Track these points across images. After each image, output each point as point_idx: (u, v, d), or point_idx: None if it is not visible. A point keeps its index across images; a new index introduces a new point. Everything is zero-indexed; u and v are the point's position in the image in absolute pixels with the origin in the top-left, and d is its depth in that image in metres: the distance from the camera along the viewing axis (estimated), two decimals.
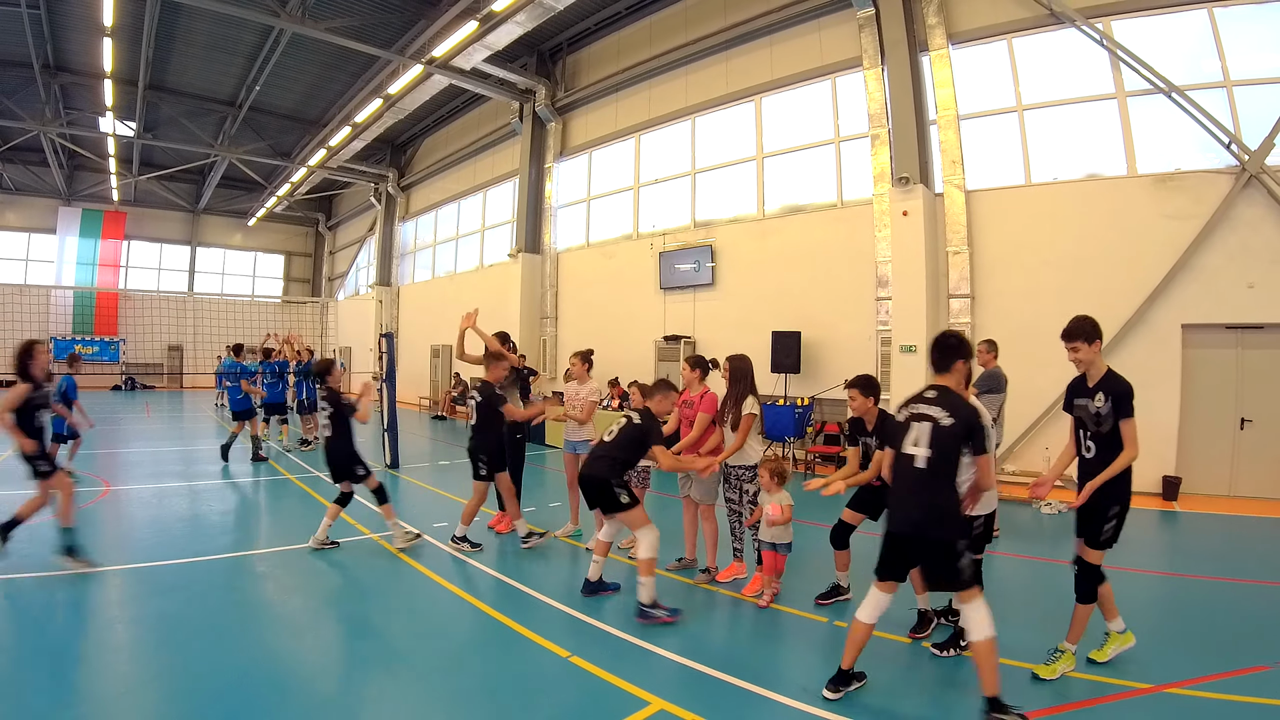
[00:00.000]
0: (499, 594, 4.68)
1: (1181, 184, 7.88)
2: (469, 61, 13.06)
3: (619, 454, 4.33)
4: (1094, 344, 3.41)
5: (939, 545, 2.97)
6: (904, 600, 4.17)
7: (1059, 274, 8.48)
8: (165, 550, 5.41)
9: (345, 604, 4.58)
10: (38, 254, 24.80)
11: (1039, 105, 8.97)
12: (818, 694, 3.15)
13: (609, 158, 14.42)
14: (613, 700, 3.15)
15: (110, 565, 4.92)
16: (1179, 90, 7.87)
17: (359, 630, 4.12)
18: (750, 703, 3.16)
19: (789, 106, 11.27)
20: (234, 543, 5.83)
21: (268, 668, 3.45)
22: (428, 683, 3.38)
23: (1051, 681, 3.29)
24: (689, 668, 3.50)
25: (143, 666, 3.44)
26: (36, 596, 4.34)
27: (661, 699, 3.13)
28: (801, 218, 10.94)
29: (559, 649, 3.70)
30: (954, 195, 9.13)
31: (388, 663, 3.58)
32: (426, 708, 3.15)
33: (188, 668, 3.39)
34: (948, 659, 3.61)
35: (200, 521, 6.48)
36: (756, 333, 10.42)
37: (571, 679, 3.39)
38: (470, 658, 3.71)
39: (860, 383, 4.28)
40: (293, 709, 3.06)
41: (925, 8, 9.42)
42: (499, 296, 15.64)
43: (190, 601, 4.32)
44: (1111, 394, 3.34)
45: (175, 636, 3.77)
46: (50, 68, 16.97)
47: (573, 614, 4.23)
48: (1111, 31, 8.36)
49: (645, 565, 4.06)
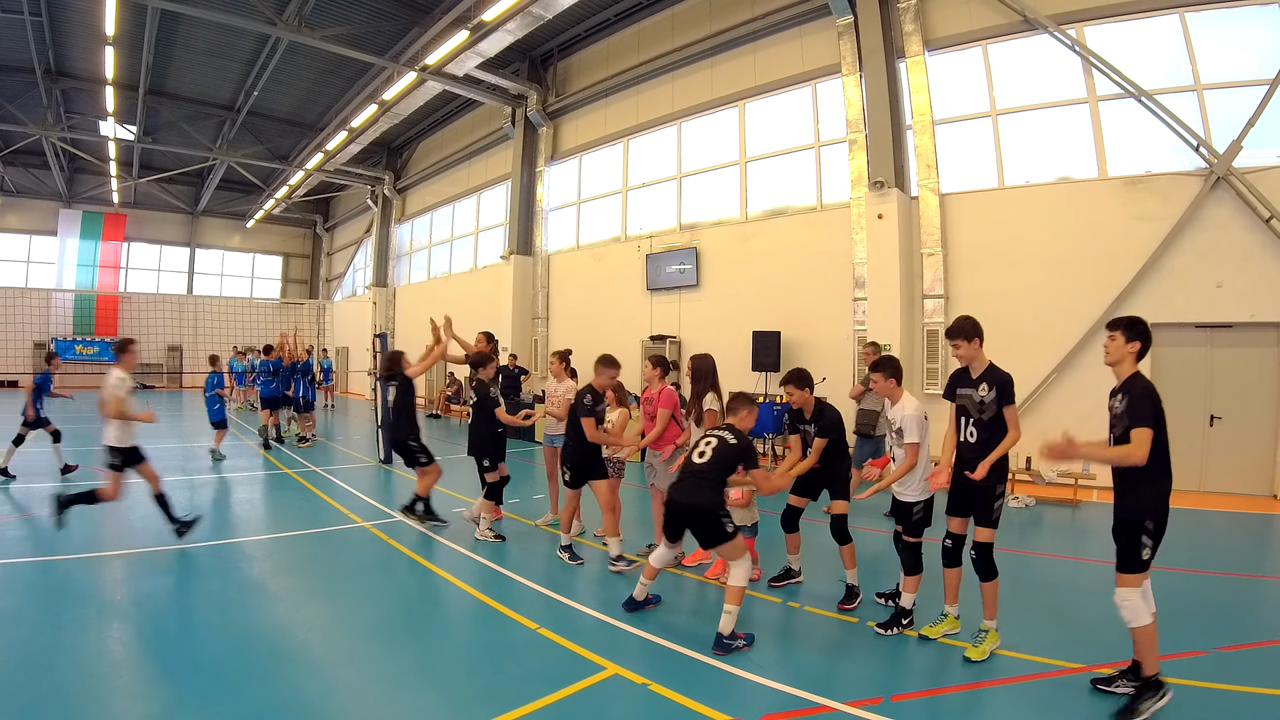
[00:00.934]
0: (482, 576, 4.98)
1: (1151, 186, 8.08)
2: (461, 68, 13.34)
3: (719, 476, 3.89)
4: (973, 341, 3.68)
5: None
6: (835, 572, 4.61)
7: (1031, 275, 8.70)
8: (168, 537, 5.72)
9: (340, 583, 4.93)
10: (39, 256, 25.04)
11: (1012, 110, 9.19)
12: (765, 665, 3.45)
13: (598, 162, 14.70)
14: (573, 666, 3.48)
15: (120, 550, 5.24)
16: (1148, 94, 8.07)
17: (350, 603, 4.49)
18: (698, 670, 3.45)
19: (771, 112, 11.54)
20: (246, 528, 6.24)
21: (289, 635, 3.80)
22: (412, 646, 3.80)
23: (983, 662, 3.51)
24: (649, 641, 3.79)
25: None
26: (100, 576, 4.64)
27: (617, 665, 3.44)
28: (783, 220, 11.20)
29: (529, 621, 4.03)
30: (928, 198, 9.37)
31: (383, 630, 4.00)
32: (416, 666, 3.56)
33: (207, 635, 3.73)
34: (890, 637, 3.86)
35: (222, 509, 6.98)
36: (739, 332, 10.68)
37: (538, 647, 3.73)
38: (451, 628, 4.18)
39: (793, 377, 4.54)
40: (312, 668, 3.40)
41: (902, 15, 9.65)
42: (492, 297, 15.92)
43: (206, 580, 4.69)
44: (995, 384, 3.61)
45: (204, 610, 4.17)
46: (51, 73, 17.20)
47: (549, 594, 4.56)
48: (1084, 37, 8.58)
49: (734, 594, 3.68)
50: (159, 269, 27.68)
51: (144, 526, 6.05)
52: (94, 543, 5.49)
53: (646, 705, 3.10)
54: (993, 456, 3.55)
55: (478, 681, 3.38)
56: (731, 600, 3.66)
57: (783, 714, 3.00)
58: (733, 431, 4.01)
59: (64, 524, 5.14)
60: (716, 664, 3.49)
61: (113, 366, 5.34)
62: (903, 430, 3.86)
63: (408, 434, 6.21)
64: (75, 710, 2.94)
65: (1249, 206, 7.49)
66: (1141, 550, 3.04)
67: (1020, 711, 3.11)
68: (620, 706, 3.12)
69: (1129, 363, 3.28)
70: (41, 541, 5.49)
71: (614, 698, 3.19)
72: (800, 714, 3.01)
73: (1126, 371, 3.27)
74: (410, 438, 6.18)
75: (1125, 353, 3.27)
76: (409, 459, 6.19)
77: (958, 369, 3.82)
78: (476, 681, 3.38)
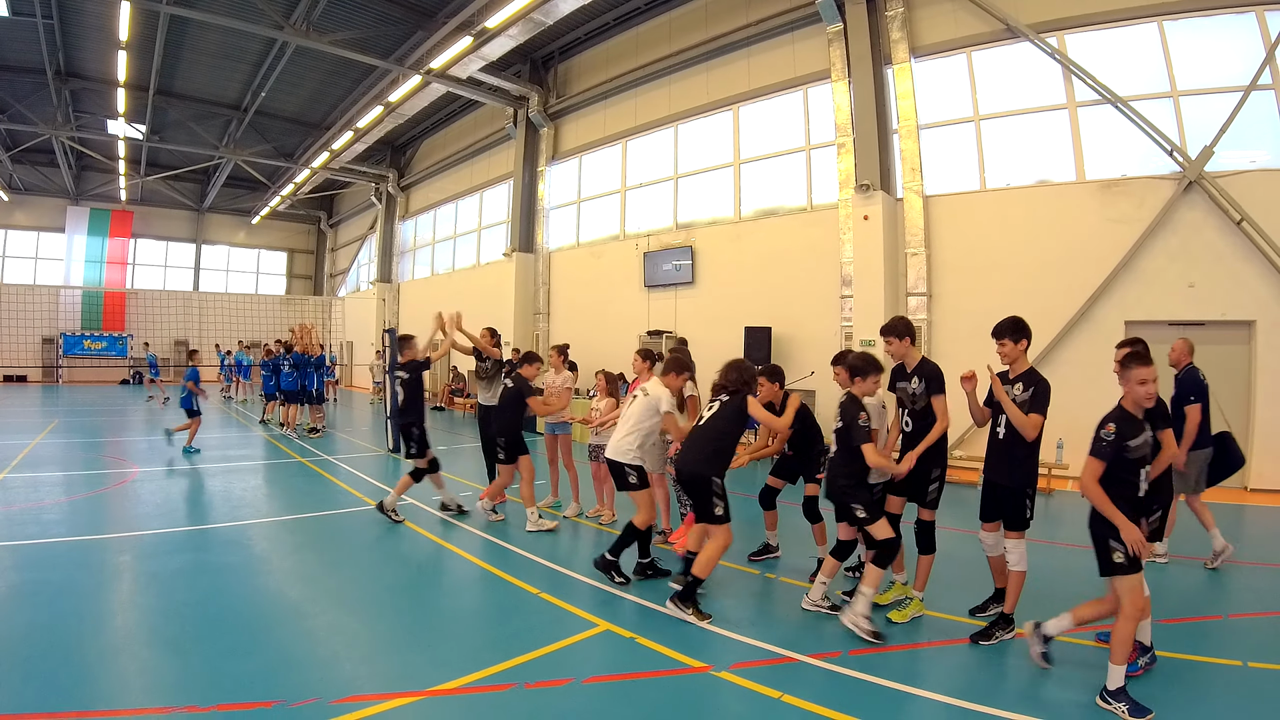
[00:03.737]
0: (488, 550, 5.43)
1: (1126, 189, 8.40)
2: (465, 71, 13.73)
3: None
4: (904, 339, 4.07)
5: None
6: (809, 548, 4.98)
7: (1010, 274, 9.02)
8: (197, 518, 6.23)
9: (356, 555, 5.38)
10: (46, 252, 25.45)
11: (995, 115, 9.53)
12: (745, 625, 3.90)
13: (598, 162, 15.09)
14: (569, 622, 3.94)
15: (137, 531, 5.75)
16: (1125, 101, 8.38)
17: (366, 572, 4.99)
18: (681, 628, 3.88)
19: (764, 115, 11.93)
20: (265, 510, 6.69)
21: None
22: (423, 606, 4.35)
23: (902, 624, 3.93)
24: (640, 604, 4.25)
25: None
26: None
27: (609, 623, 3.91)
28: (774, 220, 11.61)
29: (529, 586, 4.53)
30: (913, 200, 9.77)
31: (396, 592, 4.53)
32: (427, 621, 4.06)
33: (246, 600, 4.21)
34: None
35: (245, 493, 7.45)
36: (732, 328, 11.08)
37: (537, 607, 4.23)
38: (459, 592, 4.72)
39: (766, 371, 5.00)
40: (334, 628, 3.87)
41: (890, 23, 10.00)
42: (495, 293, 16.34)
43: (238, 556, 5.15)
44: (925, 377, 3.99)
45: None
46: (61, 74, 17.53)
47: (551, 565, 5.04)
48: (1065, 45, 8.88)
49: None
50: (165, 265, 28.11)
51: (176, 508, 6.53)
52: (133, 523, 6.03)
53: (632, 654, 3.54)
54: (921, 446, 3.90)
55: (483, 635, 3.84)
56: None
57: (751, 663, 3.42)
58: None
59: None
60: (694, 620, 3.91)
61: None
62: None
63: (414, 421, 6.50)
64: (135, 653, 3.44)
65: (1220, 209, 7.80)
66: (1028, 511, 3.68)
67: (956, 662, 3.55)
68: (610, 655, 3.58)
69: (912, 352, 4.04)
70: (83, 521, 6.00)
71: (605, 648, 3.63)
72: (766, 663, 3.43)
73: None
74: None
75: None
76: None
77: (896, 365, 4.17)
78: (482, 635, 3.84)
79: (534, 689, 3.11)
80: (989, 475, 3.82)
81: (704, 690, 3.22)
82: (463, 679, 3.19)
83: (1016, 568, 3.68)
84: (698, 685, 3.24)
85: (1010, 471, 3.69)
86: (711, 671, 3.32)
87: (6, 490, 7.01)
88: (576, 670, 3.34)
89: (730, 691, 3.17)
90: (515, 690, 3.10)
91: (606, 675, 3.35)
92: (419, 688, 3.10)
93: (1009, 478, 3.69)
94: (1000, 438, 3.75)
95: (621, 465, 4.55)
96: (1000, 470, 3.74)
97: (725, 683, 3.23)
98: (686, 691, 3.20)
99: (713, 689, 3.21)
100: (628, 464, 4.52)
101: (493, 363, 7.12)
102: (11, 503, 6.48)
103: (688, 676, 3.30)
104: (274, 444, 10.79)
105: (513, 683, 3.17)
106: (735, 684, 3.21)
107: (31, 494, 6.91)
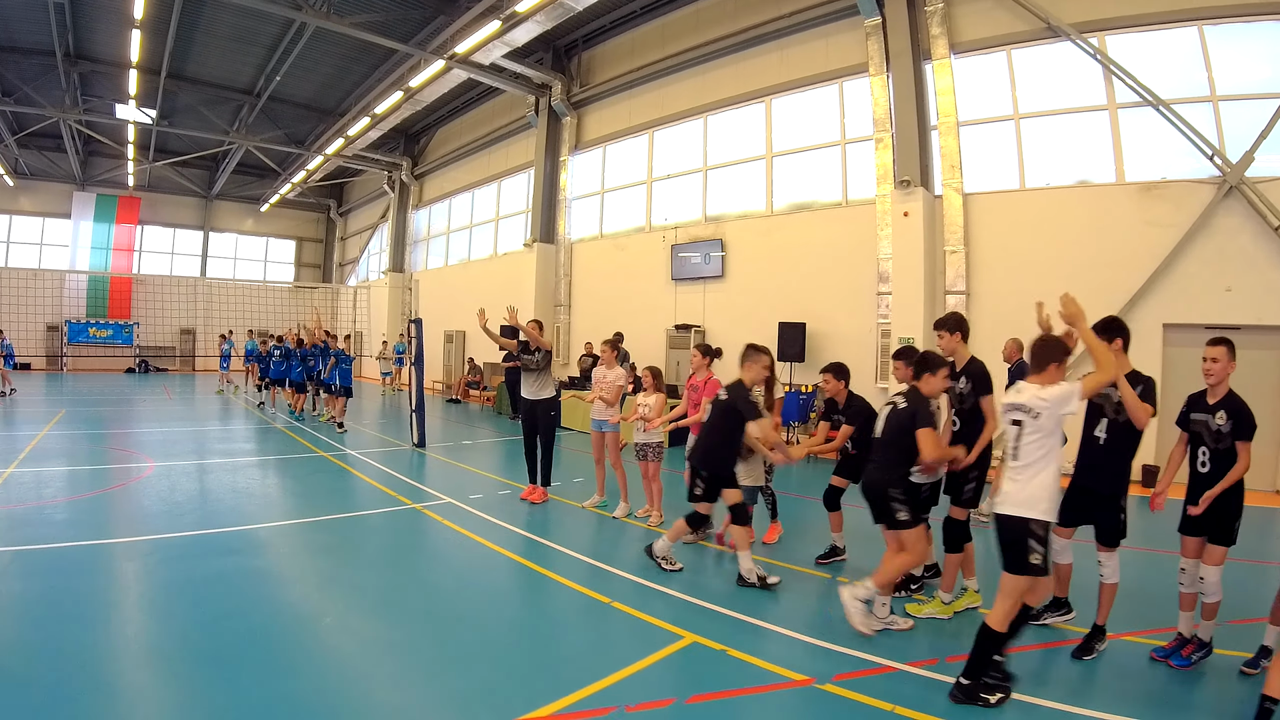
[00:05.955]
0: (531, 548, 5.32)
1: (1165, 193, 8.33)
2: (488, 57, 13.52)
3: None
4: (955, 334, 4.04)
5: None
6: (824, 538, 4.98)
7: (1048, 275, 8.81)
8: (225, 518, 5.97)
9: (408, 563, 5.20)
10: (52, 238, 25.12)
11: (1034, 114, 9.43)
12: (833, 633, 3.78)
13: (623, 152, 14.92)
14: (651, 635, 3.78)
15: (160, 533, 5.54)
16: (1166, 104, 8.31)
17: (425, 584, 4.74)
18: (769, 636, 3.80)
19: (797, 108, 11.78)
20: (291, 510, 6.45)
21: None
22: (491, 620, 4.06)
23: (917, 619, 4.01)
24: (715, 611, 4.12)
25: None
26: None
27: (693, 634, 3.75)
28: (807, 215, 11.50)
29: (602, 596, 4.35)
30: (952, 198, 9.68)
31: (465, 601, 4.30)
32: (499, 637, 3.80)
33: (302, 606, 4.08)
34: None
35: (285, 492, 7.22)
36: (762, 323, 11.00)
37: (611, 617, 4.05)
38: (525, 601, 4.48)
39: (833, 369, 4.91)
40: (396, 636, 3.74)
41: (929, 18, 9.89)
42: (513, 284, 16.19)
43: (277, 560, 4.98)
44: (972, 377, 3.95)
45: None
46: (71, 56, 17.23)
47: (617, 572, 4.89)
48: (1105, 46, 8.80)
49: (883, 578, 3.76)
50: (172, 252, 27.82)
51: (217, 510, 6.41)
52: (154, 524, 5.71)
53: (727, 668, 3.42)
54: (975, 450, 3.91)
55: (562, 651, 3.62)
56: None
57: (852, 673, 3.34)
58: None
59: None
60: (785, 630, 3.81)
61: None
62: None
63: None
64: (177, 672, 3.25)
65: (1259, 214, 7.75)
66: (1124, 521, 3.70)
67: (1060, 671, 3.49)
68: (704, 670, 3.42)
69: (961, 350, 4.12)
70: (100, 522, 5.75)
71: (697, 662, 3.47)
72: (867, 674, 3.35)
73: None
74: None
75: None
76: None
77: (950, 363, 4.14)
78: (561, 651, 3.62)
79: (636, 712, 2.94)
80: (1081, 481, 3.72)
81: (815, 705, 3.13)
82: (556, 704, 2.96)
83: (1110, 580, 3.61)
84: (806, 700, 3.15)
85: (1113, 479, 3.60)
86: (815, 684, 3.24)
87: (13, 487, 6.55)
88: (676, 689, 3.20)
89: (841, 706, 3.09)
90: (617, 714, 2.91)
91: (709, 693, 3.21)
92: (509, 715, 2.87)
93: (1111, 485, 3.60)
94: (1101, 443, 3.60)
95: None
96: (1099, 477, 3.64)
97: (833, 696, 3.15)
98: (797, 708, 3.12)
99: (823, 704, 3.12)
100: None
101: (542, 354, 6.79)
102: (23, 499, 6.12)
103: (792, 691, 3.21)
104: (292, 437, 10.65)
105: (612, 706, 2.96)
106: (844, 697, 3.14)
107: (42, 491, 6.53)
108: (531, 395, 6.82)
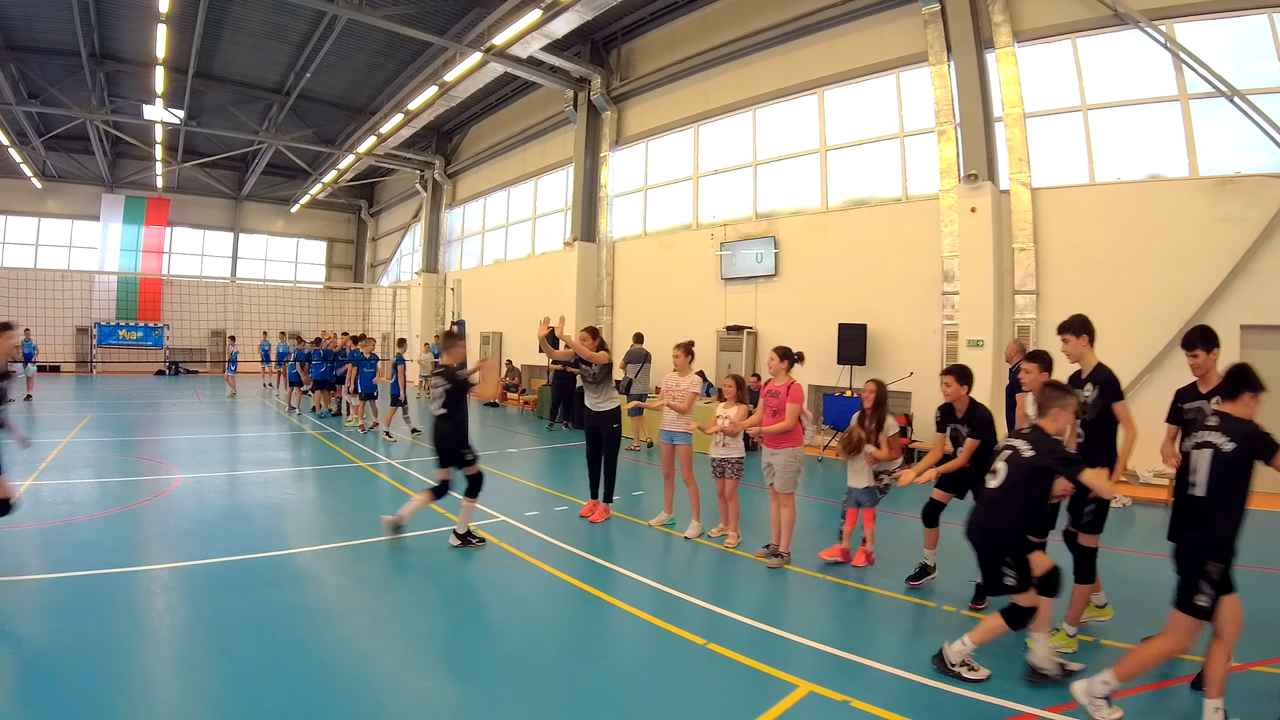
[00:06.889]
0: (592, 572, 4.98)
1: (1239, 187, 8.01)
2: (526, 50, 13.24)
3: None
4: (1082, 337, 3.83)
5: None
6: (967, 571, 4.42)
7: (1121, 273, 8.65)
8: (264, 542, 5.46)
9: (470, 600, 4.70)
10: (81, 241, 25.22)
11: (1103, 105, 9.13)
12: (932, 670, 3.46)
13: (666, 147, 14.65)
14: (762, 684, 3.31)
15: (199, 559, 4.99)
16: (1241, 94, 8.00)
17: (494, 620, 4.32)
18: (889, 681, 3.39)
19: (852, 100, 11.50)
20: (334, 532, 5.90)
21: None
22: (579, 666, 3.57)
23: None
24: (821, 651, 3.71)
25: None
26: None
27: (808, 682, 3.32)
28: (865, 211, 11.24)
29: (694, 636, 3.84)
30: (1020, 192, 9.42)
31: (538, 644, 3.80)
32: (592, 688, 3.33)
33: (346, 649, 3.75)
34: None
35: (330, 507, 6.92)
36: (819, 324, 10.83)
37: (714, 663, 3.54)
38: (609, 647, 3.92)
39: (955, 370, 4.61)
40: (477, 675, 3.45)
41: (991, 5, 9.57)
42: (553, 284, 16.05)
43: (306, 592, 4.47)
44: (1099, 383, 3.74)
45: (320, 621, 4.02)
46: (97, 55, 17.07)
47: (700, 603, 4.42)
48: (1174, 33, 8.46)
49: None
50: (202, 254, 27.92)
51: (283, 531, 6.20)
52: (179, 547, 5.29)
53: None
54: (1118, 468, 3.67)
55: (667, 709, 3.12)
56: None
57: None
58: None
59: None
60: (899, 672, 3.43)
61: None
62: None
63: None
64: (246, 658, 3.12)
65: None
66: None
67: None
68: None
69: (1087, 354, 3.87)
70: (121, 545, 5.22)
71: (821, 718, 3.02)
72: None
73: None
74: None
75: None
76: None
77: (1074, 372, 3.89)
78: (666, 709, 3.12)
79: None
80: None
81: None
82: None
83: None
84: None
85: None
86: None
87: (30, 503, 5.83)
88: None
89: None
90: None
91: None
92: None
93: None
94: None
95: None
96: None
97: None
98: None
99: None
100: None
101: (600, 368, 6.29)
102: (39, 517, 5.66)
103: None
104: (327, 444, 10.28)
105: None
106: None
107: (58, 508, 6.08)
108: (594, 407, 6.39)
